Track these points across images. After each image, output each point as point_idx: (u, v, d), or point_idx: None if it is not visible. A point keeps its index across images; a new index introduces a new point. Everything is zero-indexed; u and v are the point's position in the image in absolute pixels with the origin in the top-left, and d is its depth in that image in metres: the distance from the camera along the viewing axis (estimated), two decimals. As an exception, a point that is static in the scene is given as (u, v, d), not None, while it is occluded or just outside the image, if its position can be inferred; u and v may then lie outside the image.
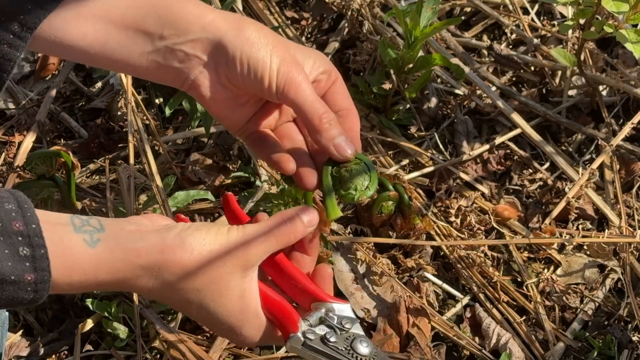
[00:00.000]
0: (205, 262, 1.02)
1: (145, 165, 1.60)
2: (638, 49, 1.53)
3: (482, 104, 1.81)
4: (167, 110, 1.75)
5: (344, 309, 1.09)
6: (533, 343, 1.51)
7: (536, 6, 1.96)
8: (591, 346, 1.50)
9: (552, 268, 1.60)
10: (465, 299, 1.57)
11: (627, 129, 1.72)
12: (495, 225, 1.63)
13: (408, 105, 1.79)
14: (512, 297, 1.56)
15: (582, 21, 1.63)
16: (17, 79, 1.88)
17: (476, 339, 1.53)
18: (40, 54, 1.91)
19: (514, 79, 1.88)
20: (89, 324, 1.49)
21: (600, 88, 1.81)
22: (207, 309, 1.04)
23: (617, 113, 1.80)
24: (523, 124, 1.75)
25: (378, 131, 1.76)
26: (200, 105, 1.70)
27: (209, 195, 1.61)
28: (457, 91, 1.84)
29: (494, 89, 1.81)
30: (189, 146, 1.77)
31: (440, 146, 1.76)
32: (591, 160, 1.73)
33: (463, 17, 1.96)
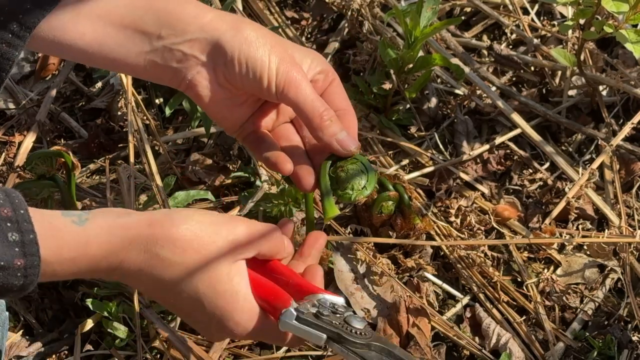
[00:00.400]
0: (194, 236, 1.02)
1: (145, 165, 1.60)
2: (638, 49, 1.53)
3: (482, 104, 1.81)
4: (167, 110, 1.75)
5: (338, 300, 1.07)
6: (533, 343, 1.51)
7: (536, 6, 1.96)
8: (591, 346, 1.50)
9: (552, 268, 1.60)
10: (465, 299, 1.57)
11: (627, 129, 1.72)
12: (495, 225, 1.63)
13: (408, 105, 1.79)
14: (512, 297, 1.56)
15: (582, 21, 1.63)
16: (17, 79, 1.88)
17: (476, 339, 1.53)
18: (40, 54, 1.91)
19: (514, 79, 1.88)
20: (89, 324, 1.49)
21: (600, 88, 1.81)
22: (197, 292, 1.02)
23: (617, 113, 1.80)
24: (523, 124, 1.75)
25: (378, 131, 1.76)
26: (200, 105, 1.70)
27: (209, 195, 1.62)
28: (457, 91, 1.84)
29: (494, 89, 1.81)
30: (189, 146, 1.78)
31: (440, 146, 1.76)
32: (591, 160, 1.73)
33: (463, 17, 1.96)
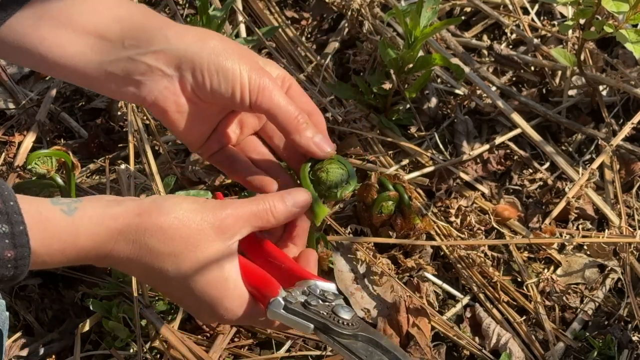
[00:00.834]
0: (182, 224, 1.02)
1: (145, 165, 1.60)
2: (638, 49, 1.53)
3: (482, 104, 1.81)
4: (167, 110, 1.75)
5: (329, 287, 1.07)
6: (533, 343, 1.51)
7: (536, 6, 1.96)
8: (591, 346, 1.50)
9: (552, 268, 1.60)
10: (465, 299, 1.57)
11: (627, 129, 1.72)
12: (495, 225, 1.63)
13: (408, 105, 1.79)
14: (512, 297, 1.56)
15: (582, 21, 1.63)
16: (17, 79, 1.88)
17: (476, 339, 1.53)
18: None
19: (514, 79, 1.88)
20: (89, 324, 1.49)
21: (600, 88, 1.81)
22: (186, 278, 1.02)
23: (617, 113, 1.80)
24: (523, 124, 1.75)
25: (378, 131, 1.76)
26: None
27: (209, 195, 1.62)
28: (457, 91, 1.84)
29: (494, 89, 1.81)
30: (189, 146, 1.77)
31: (440, 146, 1.76)
32: (591, 160, 1.73)
33: (463, 17, 1.96)
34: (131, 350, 1.47)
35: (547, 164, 1.74)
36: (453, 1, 1.95)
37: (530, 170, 1.74)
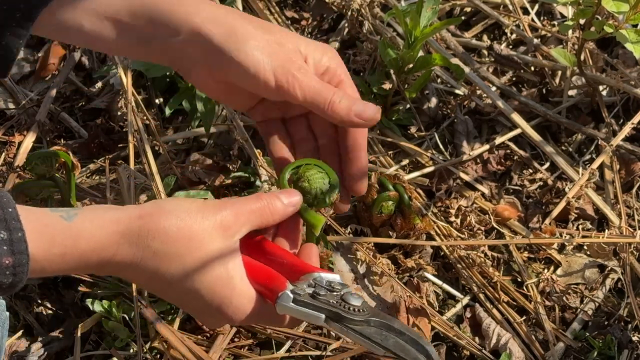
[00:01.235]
0: (184, 224, 1.01)
1: (145, 165, 1.60)
2: (638, 49, 1.53)
3: (482, 104, 1.81)
4: (167, 110, 1.75)
5: (334, 277, 1.07)
6: (533, 343, 1.51)
7: (536, 6, 1.96)
8: (591, 346, 1.50)
9: (552, 268, 1.60)
10: (465, 299, 1.57)
11: (627, 129, 1.72)
12: (495, 225, 1.63)
13: (408, 105, 1.79)
14: (512, 297, 1.56)
15: (582, 21, 1.63)
16: (17, 79, 1.89)
17: (476, 339, 1.53)
18: (40, 54, 1.91)
19: (514, 79, 1.88)
20: (89, 324, 1.49)
21: (600, 88, 1.81)
22: (192, 280, 1.01)
23: (617, 113, 1.80)
24: (523, 124, 1.75)
25: (378, 131, 1.76)
26: (200, 105, 1.70)
27: (209, 196, 1.61)
28: (457, 91, 1.84)
29: (494, 89, 1.81)
30: (189, 146, 1.78)
31: (440, 146, 1.76)
32: (591, 160, 1.73)
33: (463, 17, 1.96)
34: (131, 350, 1.47)
35: (547, 164, 1.74)
36: (453, 1, 1.95)
37: (530, 171, 1.74)
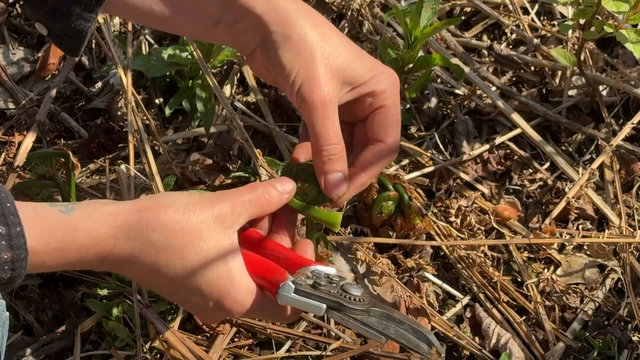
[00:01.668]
0: (183, 217, 1.02)
1: (145, 165, 1.59)
2: (638, 49, 1.53)
3: (482, 104, 1.81)
4: (167, 110, 1.75)
5: (330, 270, 1.07)
6: (533, 343, 1.51)
7: (536, 6, 1.96)
8: (591, 346, 1.50)
9: (552, 268, 1.60)
10: (465, 299, 1.57)
11: (627, 129, 1.72)
12: (495, 225, 1.63)
13: (408, 105, 1.79)
14: (512, 297, 1.56)
15: (582, 21, 1.63)
16: (17, 79, 1.88)
17: (476, 339, 1.53)
18: (40, 54, 1.91)
19: (514, 79, 1.88)
20: (89, 324, 1.49)
21: (600, 88, 1.81)
22: (192, 272, 1.02)
23: (617, 113, 1.80)
24: (523, 124, 1.75)
25: (378, 131, 1.76)
26: (200, 105, 1.71)
27: (209, 195, 1.61)
28: (457, 91, 1.84)
29: (494, 89, 1.81)
30: (189, 146, 1.78)
31: (440, 146, 1.76)
32: (591, 160, 1.73)
33: (463, 17, 1.96)
34: (131, 351, 1.47)
35: (547, 164, 1.74)
36: (453, 1, 1.95)
37: (530, 170, 1.74)
